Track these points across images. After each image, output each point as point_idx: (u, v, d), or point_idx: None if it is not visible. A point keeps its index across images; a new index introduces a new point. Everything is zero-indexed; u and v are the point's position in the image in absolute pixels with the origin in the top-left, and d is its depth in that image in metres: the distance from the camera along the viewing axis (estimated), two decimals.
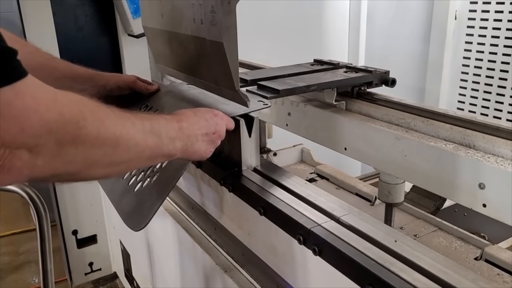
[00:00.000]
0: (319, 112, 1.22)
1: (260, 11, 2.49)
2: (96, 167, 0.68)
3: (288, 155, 1.75)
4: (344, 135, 1.15)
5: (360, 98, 1.21)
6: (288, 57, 1.58)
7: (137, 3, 1.90)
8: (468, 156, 0.90)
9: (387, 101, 1.17)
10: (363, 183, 1.52)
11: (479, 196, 0.89)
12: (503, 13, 2.24)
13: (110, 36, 2.10)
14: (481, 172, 0.88)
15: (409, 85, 2.70)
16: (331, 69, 1.35)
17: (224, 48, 0.94)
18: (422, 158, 0.97)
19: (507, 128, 0.94)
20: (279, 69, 1.37)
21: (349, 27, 2.96)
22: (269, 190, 1.00)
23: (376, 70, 1.25)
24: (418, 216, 1.32)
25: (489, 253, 1.08)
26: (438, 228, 1.25)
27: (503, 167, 0.85)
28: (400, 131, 1.03)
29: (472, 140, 0.94)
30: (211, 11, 0.95)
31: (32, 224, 3.05)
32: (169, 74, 1.33)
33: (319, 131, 1.23)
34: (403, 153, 1.01)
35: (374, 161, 1.10)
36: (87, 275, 2.35)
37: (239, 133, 1.04)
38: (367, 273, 0.72)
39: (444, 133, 0.99)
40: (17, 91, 0.54)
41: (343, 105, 1.21)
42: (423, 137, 0.99)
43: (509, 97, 2.28)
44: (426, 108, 1.09)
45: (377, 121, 1.11)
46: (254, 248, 1.06)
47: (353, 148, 1.14)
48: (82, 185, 2.14)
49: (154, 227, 1.50)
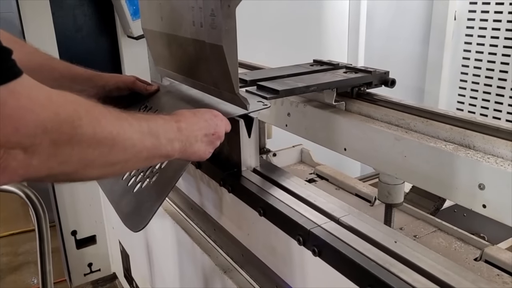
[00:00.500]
0: (318, 112, 1.22)
1: (260, 12, 2.49)
2: (92, 167, 0.67)
3: (288, 156, 1.75)
4: (343, 135, 1.15)
5: (360, 99, 1.21)
6: (288, 57, 1.58)
7: (136, 4, 1.90)
8: (468, 157, 0.90)
9: (387, 101, 1.17)
10: (362, 183, 1.52)
11: (478, 197, 0.89)
12: (502, 13, 2.24)
13: (110, 37, 2.09)
14: (480, 172, 0.88)
15: (409, 85, 2.70)
16: (330, 69, 1.36)
17: (223, 51, 0.94)
18: (421, 159, 0.97)
19: (507, 128, 0.93)
20: (278, 70, 1.37)
21: (348, 28, 2.96)
22: (269, 190, 0.99)
23: (376, 70, 1.26)
24: (418, 217, 1.32)
25: (489, 254, 1.08)
26: (438, 229, 1.25)
27: (503, 168, 0.85)
28: (399, 132, 1.03)
29: (472, 141, 0.94)
30: (211, 14, 0.95)
31: (31, 224, 3.05)
32: (169, 76, 1.33)
33: (318, 131, 1.23)
34: (402, 154, 1.01)
35: (373, 161, 1.10)
36: (86, 276, 2.35)
37: (238, 133, 1.04)
38: (367, 274, 0.72)
39: (444, 133, 0.99)
40: (12, 91, 0.54)
41: (343, 106, 1.21)
42: (422, 138, 0.99)
43: (509, 98, 2.28)
44: (425, 108, 1.09)
45: (377, 121, 1.11)
46: (254, 249, 1.06)
47: (353, 149, 1.14)
48: (81, 185, 2.14)
49: (154, 227, 1.50)
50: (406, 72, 2.69)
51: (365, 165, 1.18)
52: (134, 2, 1.91)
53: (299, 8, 2.69)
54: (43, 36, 1.89)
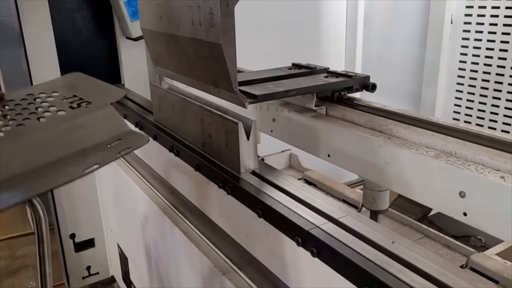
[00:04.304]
0: (301, 118, 1.21)
1: (258, 13, 2.50)
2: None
3: (276, 161, 1.76)
4: (327, 142, 1.15)
5: (341, 103, 1.20)
6: (288, 59, 1.58)
7: (135, 6, 1.91)
8: (448, 164, 0.89)
9: (371, 107, 1.16)
10: (350, 189, 1.52)
11: (459, 205, 0.88)
12: (498, 17, 2.26)
13: (108, 39, 2.10)
14: (461, 180, 0.87)
15: (406, 88, 2.71)
16: (309, 73, 1.35)
17: (222, 50, 0.95)
18: (403, 166, 0.97)
19: (488, 135, 0.93)
20: (257, 73, 1.36)
21: (346, 31, 2.98)
22: (268, 192, 1.00)
23: (357, 75, 1.25)
24: (405, 223, 1.32)
25: (475, 261, 1.08)
26: (425, 235, 1.26)
27: (483, 176, 0.84)
28: (382, 138, 1.02)
29: (453, 147, 0.93)
30: (209, 13, 0.96)
31: (28, 228, 3.05)
32: (168, 76, 1.34)
33: (302, 137, 1.22)
34: (385, 160, 1.00)
35: (357, 168, 1.09)
36: (84, 279, 2.34)
37: (237, 135, 1.05)
38: (366, 274, 0.73)
39: (426, 140, 0.98)
40: None
41: (324, 111, 1.20)
42: (404, 144, 0.99)
43: (506, 100, 2.30)
44: (408, 114, 1.08)
45: (360, 127, 1.11)
46: (253, 251, 1.06)
47: (336, 155, 1.13)
48: (80, 188, 2.14)
49: (152, 230, 1.50)
50: (403, 75, 2.71)
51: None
52: (132, 4, 1.92)
53: (296, 10, 2.71)
54: (42, 39, 1.90)
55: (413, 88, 2.70)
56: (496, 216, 0.86)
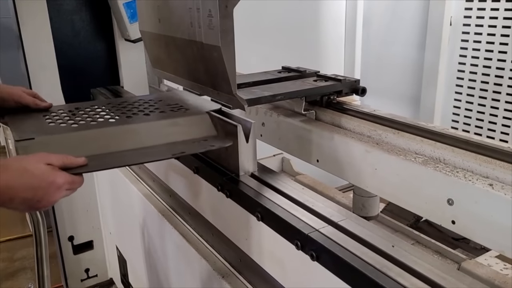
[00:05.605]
0: (289, 122, 1.20)
1: (257, 15, 2.50)
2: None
3: (268, 165, 1.74)
4: (315, 147, 1.13)
5: (331, 108, 1.19)
6: (286, 61, 1.58)
7: (134, 8, 1.91)
8: (436, 171, 0.88)
9: (360, 112, 1.15)
10: (342, 194, 1.51)
11: (448, 212, 0.87)
12: (497, 19, 2.26)
13: (107, 41, 2.10)
14: (449, 187, 0.86)
15: (405, 90, 2.71)
16: (298, 76, 1.34)
17: (221, 52, 0.94)
18: (391, 172, 0.95)
19: (476, 141, 0.92)
20: (246, 77, 1.36)
21: (345, 33, 2.98)
22: (267, 195, 1.00)
23: (346, 78, 1.24)
24: (396, 229, 1.31)
25: (466, 268, 1.07)
26: (416, 242, 1.25)
27: (471, 183, 0.83)
28: (370, 144, 1.01)
29: (442, 154, 0.92)
30: (208, 15, 0.95)
31: (27, 230, 3.04)
32: (166, 78, 1.34)
33: (291, 142, 1.21)
34: (373, 166, 0.99)
35: (345, 174, 1.07)
36: (83, 282, 2.33)
37: (236, 138, 1.05)
38: (365, 278, 0.72)
39: (415, 145, 0.97)
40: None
41: (313, 115, 1.19)
42: (393, 150, 0.97)
43: (505, 102, 2.30)
44: (397, 119, 1.07)
45: (349, 132, 1.09)
46: (252, 254, 1.06)
47: (325, 161, 1.12)
48: (79, 191, 2.13)
49: (151, 232, 1.50)
50: (402, 77, 2.71)
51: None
52: (131, 6, 1.92)
53: (295, 12, 2.71)
54: (41, 41, 1.89)
55: (412, 89, 2.70)
56: (484, 225, 0.84)
